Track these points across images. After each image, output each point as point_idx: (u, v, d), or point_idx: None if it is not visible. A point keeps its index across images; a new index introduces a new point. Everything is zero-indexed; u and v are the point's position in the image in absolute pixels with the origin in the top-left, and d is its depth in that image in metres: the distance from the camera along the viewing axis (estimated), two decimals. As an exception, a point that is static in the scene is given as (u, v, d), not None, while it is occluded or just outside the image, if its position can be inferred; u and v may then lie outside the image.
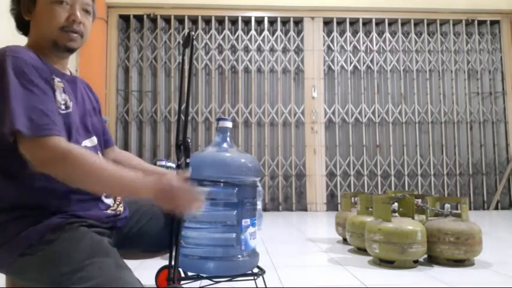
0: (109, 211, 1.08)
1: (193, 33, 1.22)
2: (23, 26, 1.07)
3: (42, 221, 0.93)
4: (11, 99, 0.89)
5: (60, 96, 1.01)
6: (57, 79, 1.02)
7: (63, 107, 1.00)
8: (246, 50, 5.05)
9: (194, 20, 5.05)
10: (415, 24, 5.21)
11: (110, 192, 0.94)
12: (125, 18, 4.97)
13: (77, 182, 0.92)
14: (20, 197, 0.96)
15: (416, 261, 1.91)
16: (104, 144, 1.22)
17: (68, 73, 1.11)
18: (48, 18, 1.01)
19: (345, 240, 2.51)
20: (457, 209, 2.03)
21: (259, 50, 5.06)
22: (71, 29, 1.02)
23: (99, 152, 1.13)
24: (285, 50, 5.08)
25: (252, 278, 1.26)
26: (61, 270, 0.87)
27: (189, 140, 1.19)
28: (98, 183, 0.92)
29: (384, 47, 5.14)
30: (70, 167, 0.89)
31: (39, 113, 0.90)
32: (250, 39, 5.02)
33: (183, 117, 1.23)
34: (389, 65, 5.12)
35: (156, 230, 1.24)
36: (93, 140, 1.12)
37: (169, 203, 0.95)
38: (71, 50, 1.06)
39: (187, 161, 1.19)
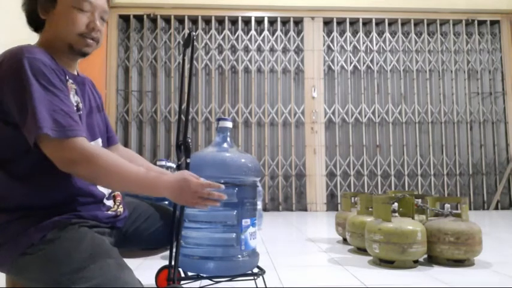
0: (109, 212, 1.08)
1: (194, 33, 1.22)
2: (35, 22, 1.06)
3: (44, 221, 0.93)
4: (34, 101, 0.89)
5: (73, 99, 1.02)
6: (70, 81, 1.03)
7: (75, 109, 1.00)
8: (246, 50, 5.05)
9: (194, 20, 5.05)
10: (415, 24, 5.21)
11: (130, 191, 0.98)
12: (125, 18, 4.97)
13: (100, 181, 0.96)
14: (24, 198, 0.96)
15: (416, 261, 1.90)
16: (108, 142, 1.23)
17: (76, 74, 1.11)
18: (68, 22, 1.01)
19: (345, 240, 2.51)
20: (457, 209, 2.03)
21: (259, 50, 5.06)
22: (89, 35, 1.03)
23: None
24: (285, 50, 5.08)
25: (252, 278, 1.26)
26: (61, 270, 0.87)
27: (190, 140, 1.19)
28: (120, 182, 0.94)
29: (384, 47, 5.14)
30: (95, 167, 0.91)
31: (63, 114, 0.91)
32: (250, 39, 5.02)
33: (183, 117, 1.23)
34: (389, 65, 5.12)
35: (153, 228, 1.25)
36: (98, 143, 1.13)
37: (187, 200, 0.97)
38: (85, 55, 1.06)
39: (188, 161, 1.19)
